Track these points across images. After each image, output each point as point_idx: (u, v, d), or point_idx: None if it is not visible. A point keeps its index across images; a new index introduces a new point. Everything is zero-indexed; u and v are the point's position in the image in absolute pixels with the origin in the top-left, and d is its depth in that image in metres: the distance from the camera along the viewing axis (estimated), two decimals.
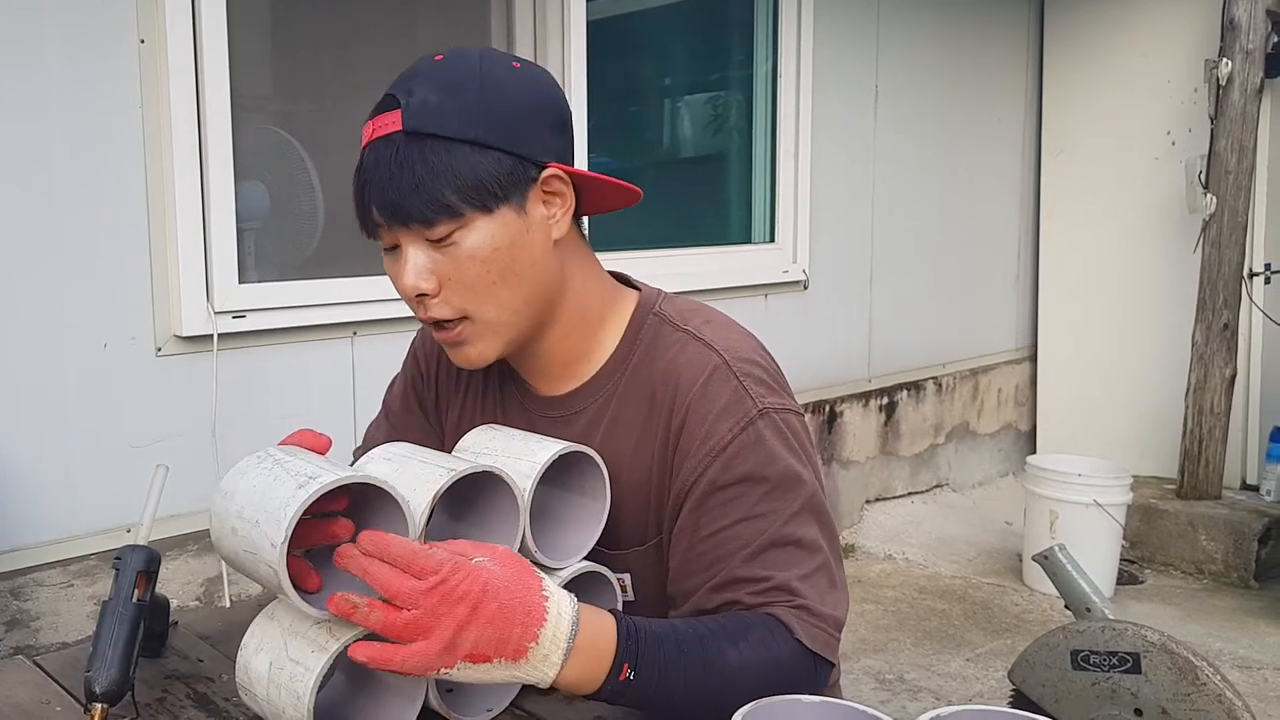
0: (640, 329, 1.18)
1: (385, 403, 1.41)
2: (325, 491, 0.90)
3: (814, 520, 1.10)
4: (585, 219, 1.23)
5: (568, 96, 3.18)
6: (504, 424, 1.24)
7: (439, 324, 1.11)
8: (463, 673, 0.87)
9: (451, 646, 0.85)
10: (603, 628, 0.94)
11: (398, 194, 1.04)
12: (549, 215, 1.11)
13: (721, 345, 1.14)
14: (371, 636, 0.90)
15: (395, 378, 1.42)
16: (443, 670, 0.86)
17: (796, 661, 1.03)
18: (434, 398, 1.34)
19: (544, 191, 1.10)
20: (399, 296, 1.13)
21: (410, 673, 0.86)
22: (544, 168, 1.09)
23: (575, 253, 1.17)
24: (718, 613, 1.08)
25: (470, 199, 1.04)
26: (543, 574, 0.92)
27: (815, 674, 1.06)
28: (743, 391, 1.10)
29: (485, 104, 1.05)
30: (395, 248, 1.09)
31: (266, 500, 0.91)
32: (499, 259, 1.07)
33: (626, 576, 1.18)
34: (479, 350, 1.13)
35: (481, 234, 1.06)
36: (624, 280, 1.27)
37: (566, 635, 0.89)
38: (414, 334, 1.43)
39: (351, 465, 1.09)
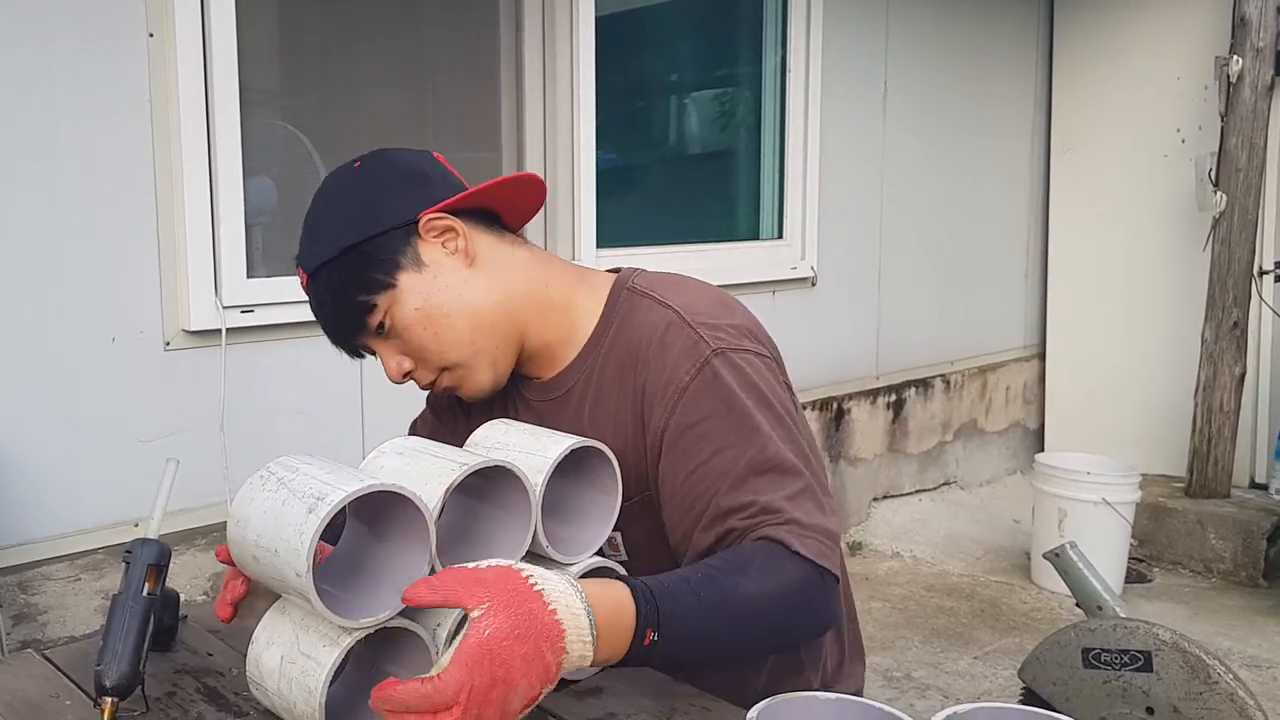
0: (616, 304, 1.26)
1: (427, 400, 1.49)
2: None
3: (789, 446, 1.13)
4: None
5: (577, 93, 3.21)
6: (503, 412, 1.30)
7: (431, 385, 1.25)
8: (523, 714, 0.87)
9: (505, 716, 0.84)
10: (619, 603, 0.94)
11: (334, 323, 1.24)
12: (450, 251, 1.21)
13: (678, 303, 1.21)
14: (377, 630, 0.90)
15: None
16: None
17: (804, 577, 1.06)
18: (451, 413, 1.43)
19: (432, 237, 1.21)
20: None
21: None
22: (415, 222, 1.20)
23: (505, 260, 1.25)
24: (715, 549, 1.10)
25: (372, 289, 1.19)
26: (538, 580, 0.88)
27: (824, 585, 1.08)
28: (696, 336, 1.17)
29: (336, 217, 1.22)
30: (373, 353, 1.26)
31: (280, 527, 0.91)
32: (426, 316, 1.20)
33: (618, 535, 1.23)
34: (472, 386, 1.25)
35: (402, 306, 1.20)
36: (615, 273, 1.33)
37: (588, 630, 0.89)
38: None
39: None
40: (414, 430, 1.47)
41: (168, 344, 2.45)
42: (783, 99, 3.95)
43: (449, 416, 1.43)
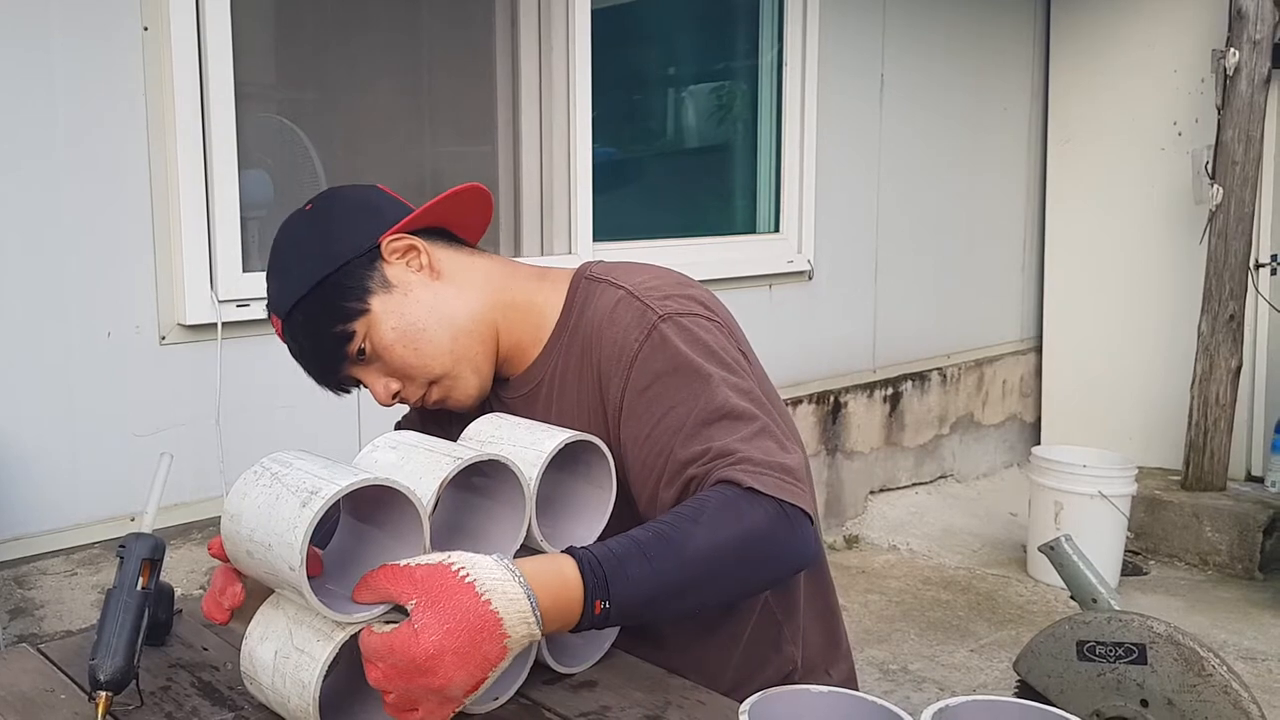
0: (575, 294, 1.29)
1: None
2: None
3: (739, 395, 1.14)
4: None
5: (573, 87, 3.21)
6: (481, 411, 1.30)
7: (422, 400, 1.28)
8: (476, 695, 0.92)
9: (446, 701, 0.91)
10: (562, 578, 0.96)
11: (315, 359, 1.26)
12: (414, 269, 1.25)
13: (628, 283, 1.23)
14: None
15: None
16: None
17: (764, 513, 1.05)
18: (434, 417, 1.43)
19: (395, 258, 1.25)
20: None
21: None
22: (376, 247, 1.24)
23: (473, 272, 1.29)
24: (681, 496, 1.11)
25: (347, 317, 1.22)
26: (469, 571, 0.90)
27: (787, 519, 1.06)
28: (643, 306, 1.19)
29: (300, 256, 1.25)
30: (358, 382, 1.29)
31: (273, 522, 0.91)
32: (403, 331, 1.23)
33: None
34: (460, 395, 1.28)
35: (378, 329, 1.23)
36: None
37: (529, 611, 0.91)
38: None
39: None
40: (399, 428, 1.47)
41: (163, 338, 2.44)
42: (779, 92, 3.94)
43: (433, 412, 1.44)
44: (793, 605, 1.32)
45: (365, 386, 1.29)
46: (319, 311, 1.22)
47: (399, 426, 1.48)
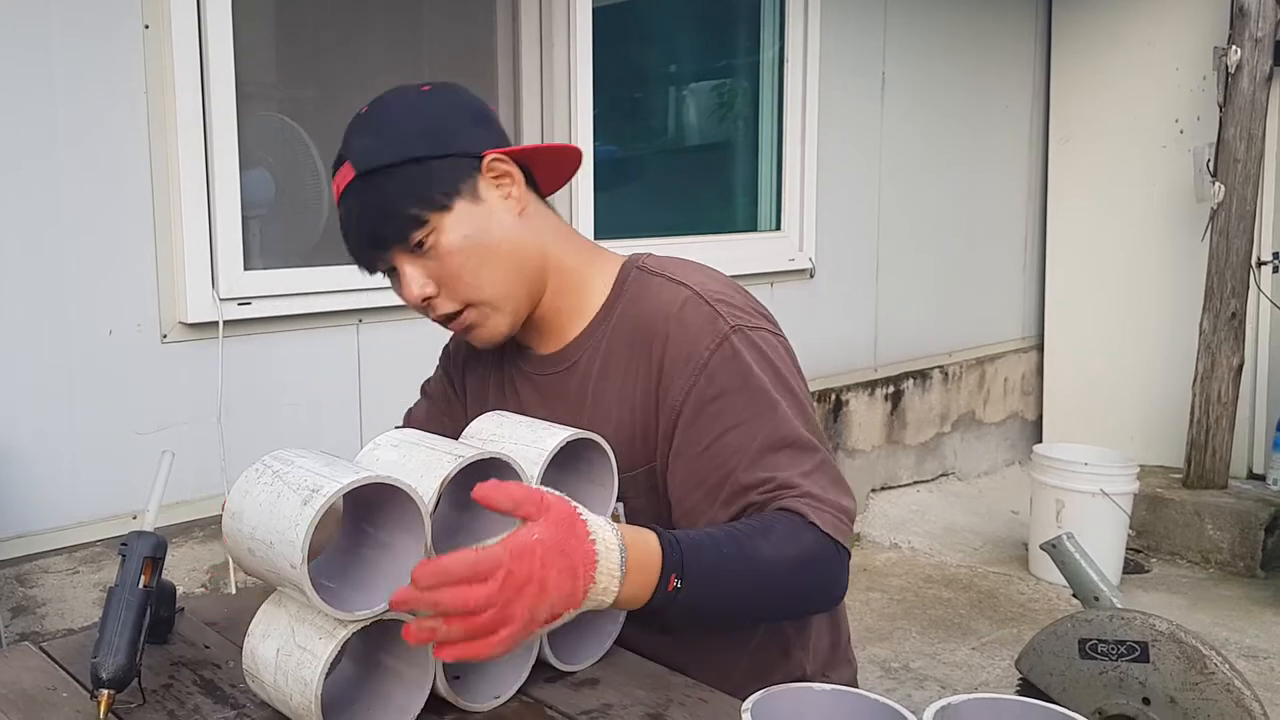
0: (625, 282, 1.28)
1: (425, 390, 1.51)
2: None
3: (803, 424, 1.16)
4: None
5: (574, 84, 3.20)
6: (512, 394, 1.33)
7: (448, 318, 1.24)
8: (542, 630, 0.94)
9: (530, 622, 0.91)
10: (647, 546, 0.99)
11: (373, 228, 1.21)
12: (504, 195, 1.23)
13: (692, 281, 1.23)
14: (373, 622, 0.91)
15: (434, 371, 1.52)
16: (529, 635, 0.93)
17: (821, 547, 1.09)
18: (461, 380, 1.44)
19: (491, 177, 1.23)
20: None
21: (502, 655, 0.91)
22: (480, 158, 1.22)
23: (545, 222, 1.28)
24: (737, 519, 1.13)
25: (427, 205, 1.18)
26: (584, 512, 0.95)
27: (838, 558, 1.11)
28: (715, 314, 1.19)
29: (408, 125, 1.22)
30: (393, 270, 1.24)
31: (275, 519, 0.91)
32: (474, 246, 1.20)
33: (620, 506, 1.24)
34: (489, 330, 1.25)
35: (451, 230, 1.19)
36: None
37: (618, 565, 0.95)
38: (416, 323, 1.54)
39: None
40: (408, 418, 1.48)
41: (165, 337, 2.44)
42: (781, 90, 3.94)
43: (444, 403, 1.45)
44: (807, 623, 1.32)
45: (397, 278, 1.24)
46: (403, 187, 1.19)
47: (408, 418, 1.48)
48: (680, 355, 1.18)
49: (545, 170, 1.31)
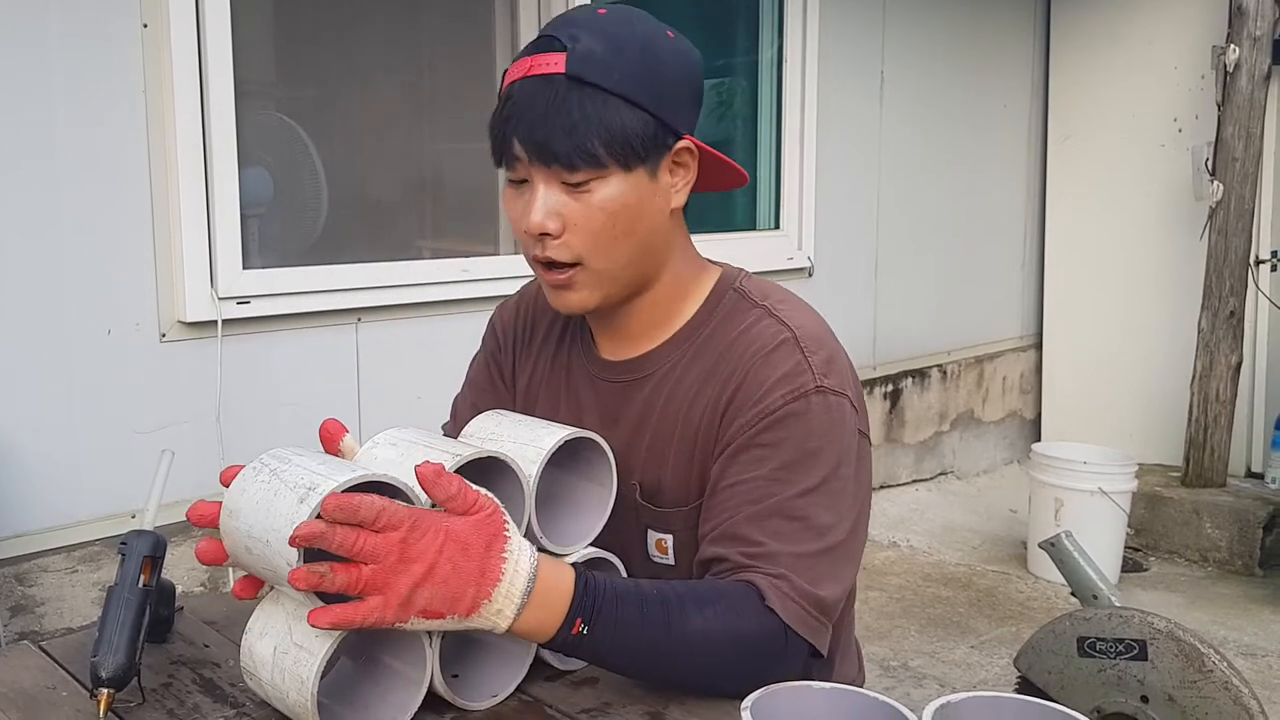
0: (719, 302, 1.21)
1: (469, 376, 1.43)
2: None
3: (832, 507, 1.09)
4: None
5: None
6: (568, 389, 1.27)
7: (551, 265, 1.14)
8: (416, 625, 0.90)
9: (406, 603, 0.88)
10: (559, 581, 0.96)
11: (548, 133, 1.07)
12: (673, 184, 1.17)
13: (794, 323, 1.16)
14: None
15: (476, 354, 1.44)
16: (397, 624, 0.89)
17: (765, 635, 1.02)
18: (511, 366, 1.37)
19: (674, 161, 1.16)
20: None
21: (366, 627, 0.89)
22: (680, 138, 1.14)
23: (680, 226, 1.22)
24: (710, 565, 1.09)
25: (615, 153, 1.08)
26: (510, 530, 0.93)
27: (786, 650, 1.03)
28: (805, 365, 1.12)
29: (644, 65, 1.10)
30: (523, 182, 1.12)
31: (272, 517, 0.91)
32: (625, 215, 1.12)
33: (669, 538, 1.19)
34: (582, 297, 1.16)
35: (616, 188, 1.10)
36: None
37: (521, 591, 0.92)
38: (415, 322, 1.47)
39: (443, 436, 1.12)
40: (455, 407, 1.41)
41: (164, 336, 2.44)
42: (779, 89, 3.94)
43: (490, 393, 1.37)
44: None
45: (523, 191, 1.12)
46: (604, 119, 1.07)
47: (455, 410, 1.40)
48: (751, 396, 1.11)
49: (707, 178, 1.24)
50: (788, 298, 1.22)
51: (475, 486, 0.93)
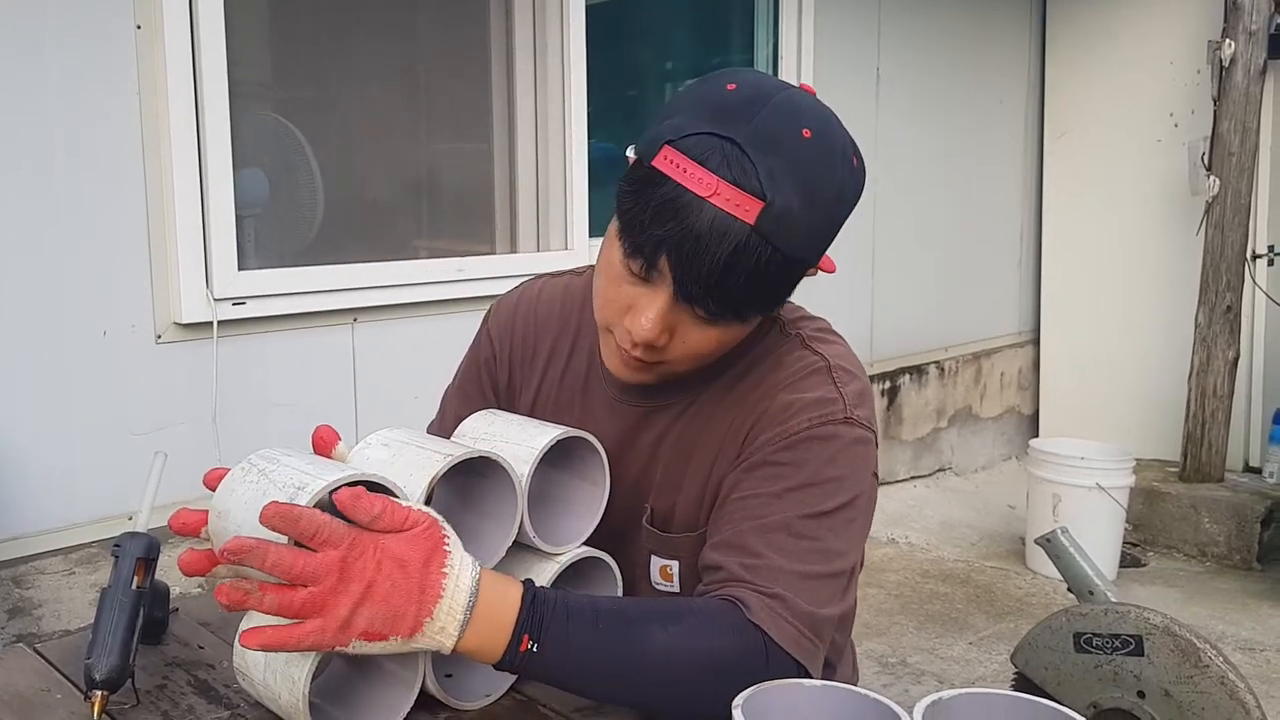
0: (765, 334, 1.16)
1: (458, 381, 1.37)
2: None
3: (844, 535, 1.07)
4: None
5: (568, 82, 3.21)
6: (583, 410, 1.22)
7: (639, 360, 1.07)
8: (359, 648, 0.87)
9: (346, 625, 0.86)
10: (505, 595, 0.93)
11: (707, 287, 0.98)
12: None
13: (828, 353, 1.13)
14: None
15: (467, 353, 1.37)
16: (338, 647, 0.87)
17: (742, 650, 0.97)
18: (506, 379, 1.31)
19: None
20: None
21: (305, 650, 0.87)
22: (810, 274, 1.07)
23: None
24: (707, 571, 1.06)
25: (758, 310, 1.05)
26: (451, 544, 0.90)
27: (767, 665, 0.97)
28: (838, 394, 1.09)
29: (829, 221, 1.02)
30: (649, 283, 1.02)
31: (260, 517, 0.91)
32: (727, 344, 1.08)
33: (675, 564, 1.16)
34: (650, 379, 1.12)
35: (733, 331, 1.06)
36: None
37: (463, 606, 0.89)
38: (411, 322, 1.43)
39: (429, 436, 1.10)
40: (444, 402, 1.37)
41: (159, 337, 2.44)
42: None
43: (480, 404, 1.30)
44: None
45: (646, 294, 1.02)
46: (769, 284, 1.00)
47: (443, 412, 1.37)
48: (777, 418, 1.08)
49: None
50: (823, 326, 1.19)
51: (411, 504, 0.91)
